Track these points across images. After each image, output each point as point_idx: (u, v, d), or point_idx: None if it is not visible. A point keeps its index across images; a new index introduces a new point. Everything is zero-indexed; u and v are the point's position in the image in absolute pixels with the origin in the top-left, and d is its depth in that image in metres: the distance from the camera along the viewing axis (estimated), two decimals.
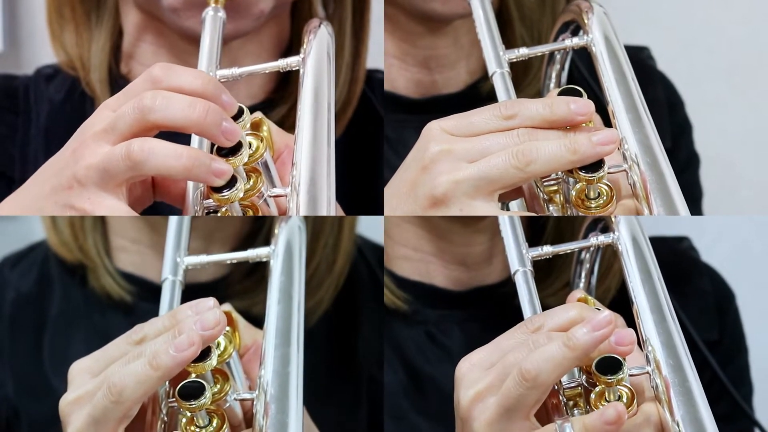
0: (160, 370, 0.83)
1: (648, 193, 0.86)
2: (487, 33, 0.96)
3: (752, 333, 1.22)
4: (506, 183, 0.86)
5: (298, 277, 0.92)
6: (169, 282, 0.94)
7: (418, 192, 0.87)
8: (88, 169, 0.84)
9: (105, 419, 0.83)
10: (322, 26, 0.98)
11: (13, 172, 1.12)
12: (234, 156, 0.87)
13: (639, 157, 0.87)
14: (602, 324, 0.82)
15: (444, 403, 0.91)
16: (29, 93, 1.15)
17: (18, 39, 1.54)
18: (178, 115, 0.84)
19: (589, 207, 0.88)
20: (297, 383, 0.85)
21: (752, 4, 1.57)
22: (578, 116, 0.87)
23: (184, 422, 0.86)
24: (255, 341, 0.94)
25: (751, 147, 1.60)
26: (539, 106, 0.87)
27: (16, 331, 1.14)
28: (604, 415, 0.81)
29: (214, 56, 0.95)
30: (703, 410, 0.82)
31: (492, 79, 0.94)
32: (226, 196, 0.86)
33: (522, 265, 0.91)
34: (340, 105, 1.14)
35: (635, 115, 0.89)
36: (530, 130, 0.86)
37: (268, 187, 0.90)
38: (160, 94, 0.85)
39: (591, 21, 0.95)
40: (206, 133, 0.86)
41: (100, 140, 0.85)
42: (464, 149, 0.86)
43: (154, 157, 0.83)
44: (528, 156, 0.85)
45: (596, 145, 0.85)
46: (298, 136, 0.89)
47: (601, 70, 0.92)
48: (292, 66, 0.95)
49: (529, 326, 0.85)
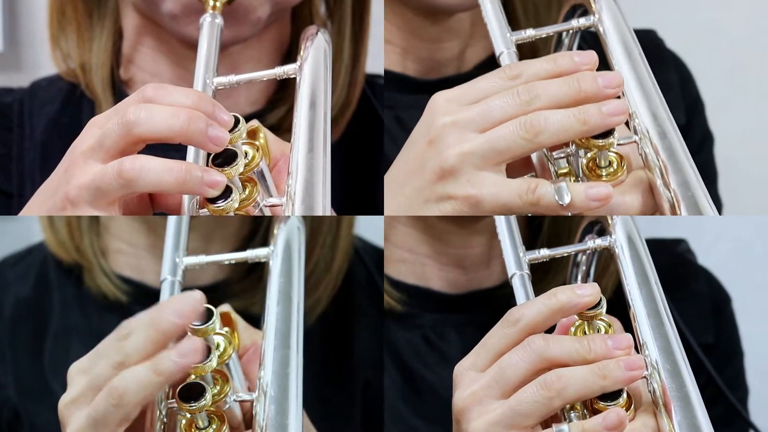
0: (163, 375, 0.82)
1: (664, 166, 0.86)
2: (493, 15, 0.96)
3: (752, 334, 1.22)
4: (514, 154, 0.86)
5: (297, 278, 0.92)
6: (168, 282, 0.93)
7: (426, 166, 0.87)
8: (80, 189, 0.84)
9: (105, 422, 0.83)
10: (320, 33, 0.98)
11: (11, 187, 1.12)
12: (229, 166, 0.87)
13: (650, 131, 0.87)
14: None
15: (442, 407, 0.91)
16: (23, 108, 1.15)
17: (18, 39, 1.53)
18: (162, 125, 0.84)
19: (600, 175, 0.88)
20: (296, 385, 0.86)
21: (753, 4, 1.57)
22: (582, 66, 0.87)
23: (184, 423, 0.86)
24: (254, 342, 0.94)
25: (751, 147, 1.60)
26: (543, 62, 0.87)
27: (16, 333, 1.14)
28: (605, 419, 0.82)
29: (212, 63, 0.95)
30: (700, 415, 0.82)
31: (499, 60, 0.93)
32: (221, 207, 0.86)
33: (519, 269, 0.91)
34: (339, 108, 1.14)
35: (645, 90, 0.89)
36: (530, 85, 0.86)
37: (264, 197, 0.90)
38: (143, 107, 0.85)
39: (597, 1, 0.95)
40: (192, 140, 0.85)
41: (89, 158, 0.85)
42: (469, 118, 0.86)
43: (146, 173, 0.83)
44: (537, 126, 0.85)
45: (606, 116, 0.85)
46: (294, 145, 0.89)
47: (609, 48, 0.92)
48: (289, 74, 0.94)
49: (510, 319, 0.86)
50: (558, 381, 0.82)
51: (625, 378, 0.83)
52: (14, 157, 1.13)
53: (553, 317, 0.86)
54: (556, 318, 0.86)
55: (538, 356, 0.83)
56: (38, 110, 1.15)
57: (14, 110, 1.15)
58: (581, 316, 0.88)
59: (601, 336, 0.85)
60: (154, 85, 0.87)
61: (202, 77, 0.94)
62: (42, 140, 1.13)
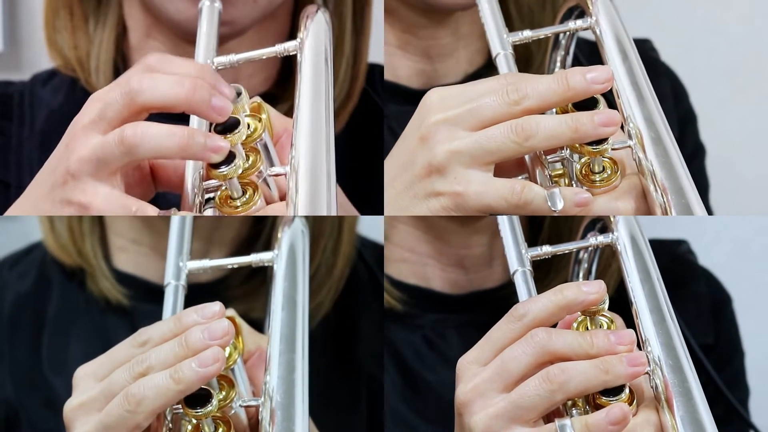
0: (182, 383, 0.82)
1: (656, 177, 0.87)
2: (491, 15, 0.96)
3: (753, 334, 1.22)
4: (503, 155, 0.86)
5: (302, 282, 0.92)
6: (172, 287, 0.93)
7: (416, 162, 0.88)
8: (81, 161, 0.84)
9: (116, 428, 0.83)
10: (319, 12, 0.97)
11: (9, 177, 1.12)
12: (231, 133, 0.86)
13: (643, 134, 0.87)
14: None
15: (442, 407, 0.91)
16: (24, 98, 1.15)
17: (18, 39, 1.53)
18: (167, 93, 0.84)
19: (594, 181, 0.89)
20: (302, 390, 0.86)
21: (752, 4, 1.57)
22: (594, 85, 0.87)
23: (190, 429, 0.86)
24: (258, 347, 0.94)
25: (751, 147, 1.60)
26: (551, 82, 0.87)
27: (15, 332, 1.14)
28: (609, 414, 0.82)
29: (212, 44, 0.95)
30: (702, 410, 0.83)
31: (495, 61, 0.94)
32: (224, 172, 0.85)
33: (521, 265, 0.92)
34: (341, 101, 1.14)
35: (640, 93, 0.89)
36: (520, 84, 0.86)
37: (267, 167, 0.89)
38: (146, 75, 0.85)
39: (594, 3, 0.95)
40: (196, 109, 0.85)
41: (90, 131, 0.84)
42: (460, 116, 0.86)
43: (148, 139, 0.83)
44: (528, 131, 0.85)
45: (598, 126, 0.85)
46: (297, 118, 0.88)
47: (605, 50, 0.92)
48: (290, 51, 0.94)
49: (515, 314, 0.86)
50: (561, 374, 0.82)
51: (627, 373, 0.83)
52: (13, 148, 1.13)
53: (559, 313, 0.86)
54: (561, 314, 0.86)
55: (540, 349, 0.84)
56: (39, 101, 1.15)
57: (14, 101, 1.15)
58: (584, 312, 0.88)
59: (603, 331, 0.85)
60: (157, 54, 0.87)
61: (203, 58, 0.94)
62: (42, 131, 1.13)
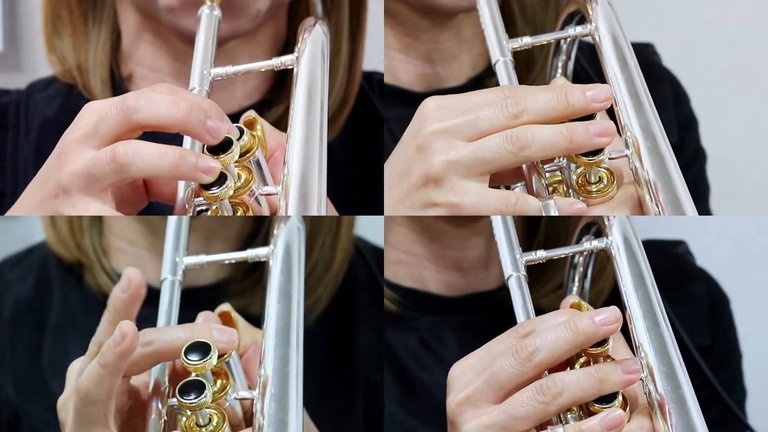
0: (108, 367, 0.83)
1: (653, 186, 0.86)
2: (491, 22, 0.96)
3: (751, 335, 1.22)
4: (499, 165, 0.86)
5: (297, 277, 0.92)
6: (168, 282, 0.93)
7: (413, 171, 0.88)
8: (72, 176, 0.84)
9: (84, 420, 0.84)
10: (317, 25, 0.97)
11: (4, 186, 1.12)
12: (224, 153, 0.86)
13: (640, 143, 0.87)
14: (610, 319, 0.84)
15: (439, 410, 0.91)
16: (20, 107, 1.15)
17: (18, 39, 1.54)
18: (163, 113, 0.84)
19: (590, 192, 0.89)
20: (297, 382, 0.86)
21: (753, 5, 1.57)
22: (593, 104, 0.87)
23: (185, 421, 0.87)
24: (254, 341, 0.94)
25: (752, 147, 1.60)
26: (549, 96, 0.87)
27: (16, 333, 1.14)
28: (603, 421, 0.82)
29: (209, 54, 0.95)
30: (696, 417, 0.82)
31: (495, 67, 0.94)
32: (216, 194, 0.86)
33: (516, 270, 0.91)
34: (337, 106, 1.14)
35: (638, 103, 0.89)
36: (519, 98, 0.86)
37: (260, 186, 0.89)
38: (143, 94, 0.85)
39: (594, 10, 0.95)
40: (191, 131, 0.85)
41: (82, 145, 0.84)
42: (457, 126, 0.86)
43: (139, 158, 0.83)
44: (523, 140, 0.85)
45: (593, 136, 0.85)
46: (290, 135, 0.88)
47: (604, 58, 0.92)
48: (287, 64, 0.94)
49: (520, 331, 0.86)
50: (555, 386, 0.82)
51: (622, 381, 0.83)
52: (8, 156, 1.13)
53: (569, 352, 0.85)
54: (572, 351, 0.85)
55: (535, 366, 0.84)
56: (34, 111, 1.14)
57: (10, 110, 1.15)
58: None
59: (588, 314, 0.85)
60: (167, 84, 0.87)
61: (200, 68, 0.94)
62: (37, 139, 1.13)
